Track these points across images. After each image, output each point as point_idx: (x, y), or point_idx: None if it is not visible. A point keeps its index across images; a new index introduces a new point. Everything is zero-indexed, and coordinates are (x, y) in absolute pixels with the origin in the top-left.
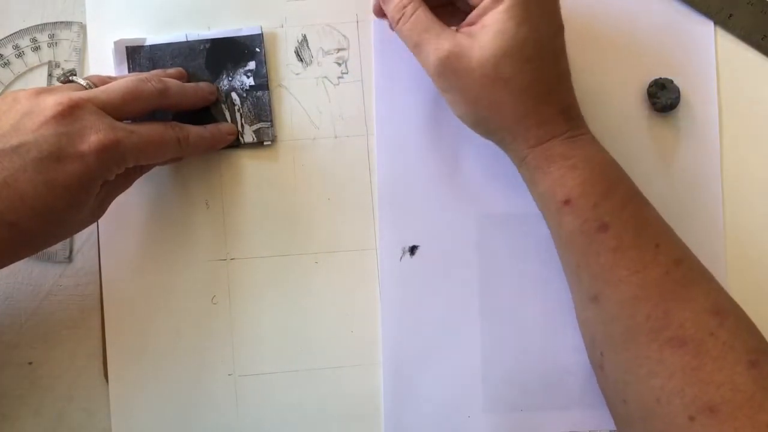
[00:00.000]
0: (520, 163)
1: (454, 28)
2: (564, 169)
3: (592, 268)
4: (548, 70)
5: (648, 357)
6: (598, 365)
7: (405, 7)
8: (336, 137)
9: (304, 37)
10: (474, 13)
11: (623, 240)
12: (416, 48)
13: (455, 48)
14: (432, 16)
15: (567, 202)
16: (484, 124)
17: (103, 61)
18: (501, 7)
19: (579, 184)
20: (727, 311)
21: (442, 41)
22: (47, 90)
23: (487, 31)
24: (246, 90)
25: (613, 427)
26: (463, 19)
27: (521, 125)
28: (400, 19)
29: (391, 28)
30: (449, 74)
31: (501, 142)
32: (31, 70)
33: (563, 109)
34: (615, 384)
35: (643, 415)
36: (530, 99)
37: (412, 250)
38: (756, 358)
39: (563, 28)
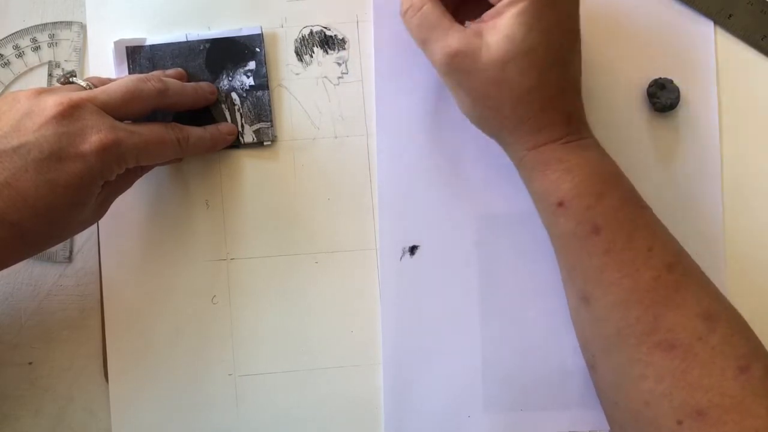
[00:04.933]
0: (518, 162)
1: (468, 23)
2: (559, 172)
3: (585, 269)
4: (554, 77)
5: (638, 360)
6: (591, 366)
7: (413, 1)
8: (336, 137)
9: (304, 37)
10: (489, 12)
11: (615, 243)
12: (424, 44)
13: (463, 47)
14: (441, 10)
15: (561, 204)
16: (486, 123)
17: (103, 61)
18: (513, 11)
19: (573, 187)
20: (718, 316)
21: (450, 39)
22: (47, 90)
23: (497, 33)
24: (246, 90)
25: None
26: (478, 14)
27: (520, 128)
28: (407, 11)
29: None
30: (455, 72)
31: (501, 142)
32: (31, 70)
33: (564, 115)
34: (606, 386)
35: (633, 418)
36: (531, 104)
37: (412, 250)
38: (746, 363)
39: (579, 33)
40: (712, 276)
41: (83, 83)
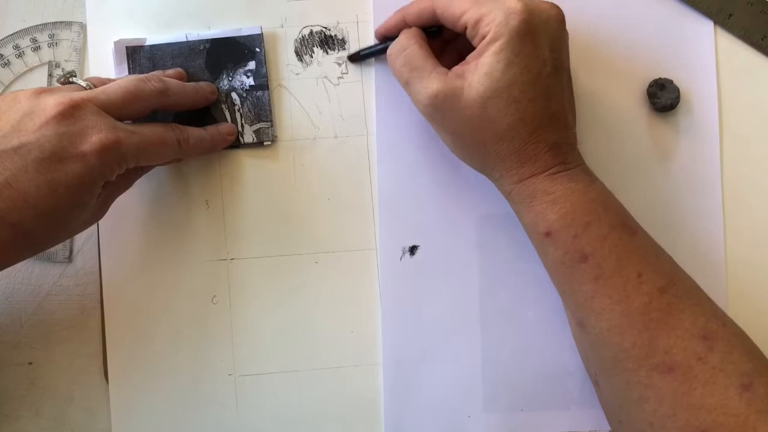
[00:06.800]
0: (507, 196)
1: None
2: (545, 203)
3: (576, 296)
4: (536, 111)
5: (638, 382)
6: (594, 382)
7: (400, 42)
8: (336, 137)
9: (304, 37)
10: (471, 54)
11: (604, 270)
12: (407, 85)
13: (444, 88)
14: (426, 53)
15: (548, 234)
16: (472, 161)
17: (103, 61)
18: (492, 49)
19: (559, 217)
20: (716, 335)
21: (432, 81)
22: (47, 90)
23: (478, 71)
24: (246, 90)
25: None
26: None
27: (505, 164)
28: (393, 51)
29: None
30: (438, 113)
31: (489, 177)
32: (31, 70)
33: (550, 147)
34: (610, 405)
35: None
36: (513, 140)
37: (412, 250)
38: (749, 381)
39: (564, 67)
40: (711, 277)
41: (83, 83)
